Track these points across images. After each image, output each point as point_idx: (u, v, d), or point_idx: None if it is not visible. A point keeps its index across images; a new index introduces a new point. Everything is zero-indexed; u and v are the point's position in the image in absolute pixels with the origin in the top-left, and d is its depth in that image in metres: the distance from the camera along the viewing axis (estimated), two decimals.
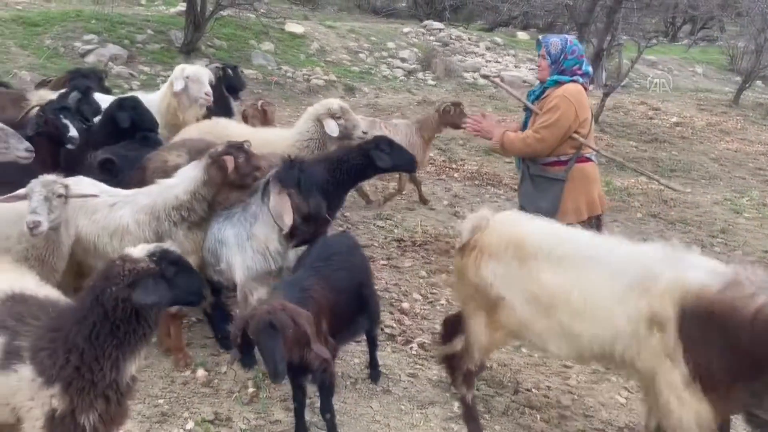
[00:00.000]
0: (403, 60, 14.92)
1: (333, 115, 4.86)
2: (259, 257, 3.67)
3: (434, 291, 5.10)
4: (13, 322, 2.37)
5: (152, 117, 4.85)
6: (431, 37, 16.79)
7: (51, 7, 13.85)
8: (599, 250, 3.02)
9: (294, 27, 14.34)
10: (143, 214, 3.62)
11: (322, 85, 12.36)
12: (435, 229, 6.26)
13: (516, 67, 16.50)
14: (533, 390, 3.98)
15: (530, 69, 16.58)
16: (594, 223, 4.38)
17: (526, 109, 4.39)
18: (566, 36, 4.45)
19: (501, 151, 4.40)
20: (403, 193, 7.01)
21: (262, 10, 14.13)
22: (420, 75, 14.53)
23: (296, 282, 3.23)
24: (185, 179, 3.64)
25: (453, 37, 16.96)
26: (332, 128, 4.81)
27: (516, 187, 5.03)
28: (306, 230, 3.66)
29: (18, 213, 3.37)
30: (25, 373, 2.31)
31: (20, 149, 3.69)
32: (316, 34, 14.59)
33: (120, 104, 4.55)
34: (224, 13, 12.69)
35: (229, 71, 6.74)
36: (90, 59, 11.11)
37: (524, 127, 4.33)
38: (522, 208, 4.45)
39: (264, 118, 6.32)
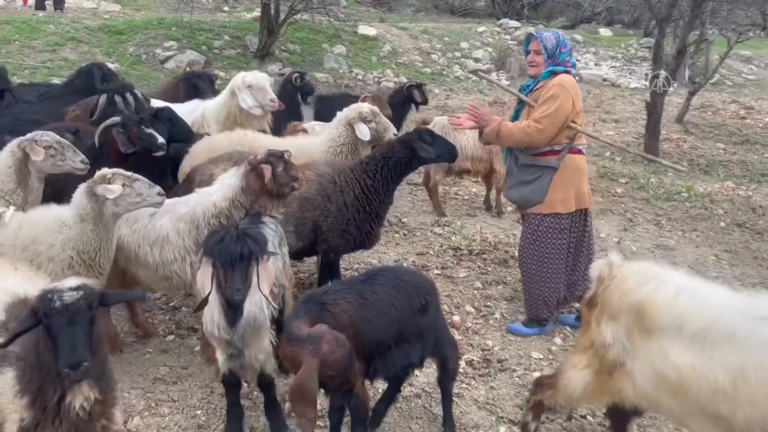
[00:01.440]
0: (476, 60, 14.57)
1: (364, 119, 4.83)
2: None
3: (489, 304, 4.81)
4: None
5: (188, 129, 4.84)
6: (506, 36, 16.33)
7: (137, 16, 14.47)
8: (742, 322, 2.39)
9: (366, 29, 14.30)
10: (183, 223, 3.58)
11: (393, 87, 12.20)
12: (495, 237, 5.96)
13: (597, 65, 15.78)
14: (588, 417, 3.65)
15: (612, 67, 15.83)
16: (581, 216, 4.31)
17: (519, 102, 4.30)
18: (557, 30, 4.40)
19: (496, 140, 4.25)
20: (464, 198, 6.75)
21: (340, 14, 14.20)
22: (494, 75, 14.12)
23: (319, 295, 2.98)
24: (224, 186, 3.57)
25: None
26: (363, 132, 4.79)
27: None
28: None
29: (61, 221, 3.41)
30: (9, 377, 2.31)
31: (76, 161, 3.74)
32: (388, 36, 14.48)
33: (156, 116, 4.54)
34: (298, 17, 12.81)
35: (306, 77, 7.17)
36: (169, 65, 11.49)
37: (515, 120, 4.26)
38: (508, 200, 4.57)
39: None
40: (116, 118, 4.21)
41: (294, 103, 7.00)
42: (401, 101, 7.34)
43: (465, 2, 24.31)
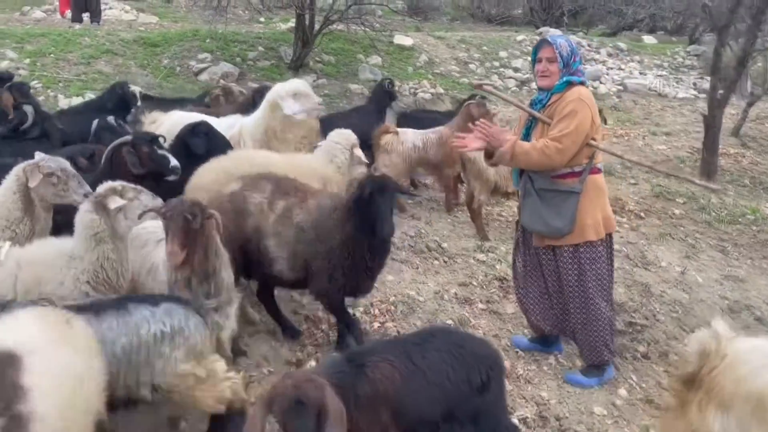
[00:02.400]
0: (515, 70, 13.97)
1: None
2: None
3: None
4: None
5: (226, 142, 4.48)
6: None
7: (173, 27, 14.30)
8: None
9: (403, 39, 13.83)
10: None
11: (429, 99, 11.73)
12: None
13: (642, 74, 15.00)
14: None
15: (658, 76, 15.04)
16: (609, 241, 3.84)
17: (531, 118, 3.76)
18: (566, 36, 3.99)
19: (510, 163, 3.68)
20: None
21: (376, 24, 13.82)
22: (534, 85, 13.50)
23: (357, 353, 2.52)
24: None
25: None
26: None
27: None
28: None
29: (68, 255, 3.03)
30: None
31: (79, 194, 3.36)
32: (425, 46, 13.99)
33: (193, 130, 4.16)
34: (333, 27, 12.43)
35: (395, 84, 7.83)
36: (203, 77, 11.20)
37: (525, 139, 3.74)
38: (525, 228, 3.88)
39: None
40: (127, 137, 3.84)
41: (382, 106, 7.47)
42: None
43: (502, 10, 23.68)
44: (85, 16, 12.90)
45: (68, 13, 13.06)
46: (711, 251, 5.98)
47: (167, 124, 5.33)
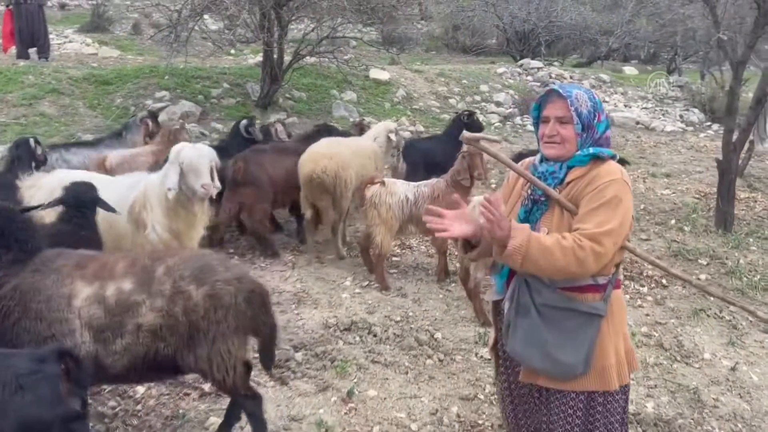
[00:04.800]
0: (498, 104, 12.99)
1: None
2: None
3: None
4: None
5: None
6: (528, 77, 14.78)
7: (136, 62, 13.03)
8: None
9: (379, 73, 12.75)
10: None
11: (408, 138, 10.60)
12: None
13: (627, 106, 14.14)
14: None
15: (643, 108, 14.20)
16: (628, 385, 2.51)
17: (532, 196, 2.45)
18: (585, 87, 2.68)
19: (518, 264, 2.24)
20: None
21: (349, 55, 12.69)
22: (518, 120, 12.52)
23: None
24: None
25: (553, 75, 14.84)
26: None
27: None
28: None
29: None
30: None
31: None
32: (402, 80, 12.94)
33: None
34: (304, 62, 11.31)
35: (475, 117, 7.69)
36: (161, 118, 9.89)
37: (522, 221, 2.43)
38: (513, 358, 2.52)
39: None
40: None
41: (455, 137, 6.92)
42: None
43: (477, 41, 22.86)
44: (33, 51, 11.56)
45: (12, 49, 11.70)
46: (756, 333, 4.86)
47: (47, 188, 4.27)
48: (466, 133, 2.60)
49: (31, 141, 5.70)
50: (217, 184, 4.30)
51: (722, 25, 6.55)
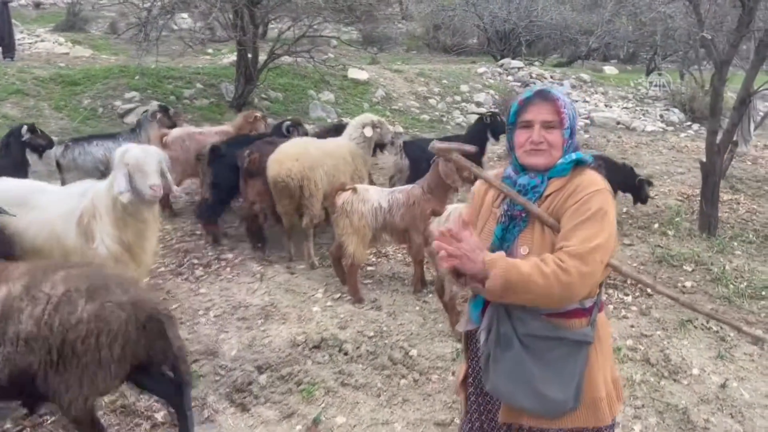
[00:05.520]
0: (478, 104, 12.73)
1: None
2: None
3: None
4: None
5: None
6: (509, 77, 14.54)
7: (109, 62, 12.57)
8: None
9: (357, 73, 12.43)
10: None
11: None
12: None
13: (607, 106, 13.96)
14: None
15: (624, 108, 14.03)
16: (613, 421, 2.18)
17: (509, 211, 2.13)
18: (558, 87, 2.31)
19: (499, 297, 1.97)
20: None
21: (329, 54, 12.31)
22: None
23: None
24: None
25: (534, 75, 14.62)
26: None
27: None
28: None
29: None
30: None
31: None
32: (381, 80, 12.63)
33: None
34: (280, 61, 10.95)
35: (498, 117, 7.31)
36: (130, 119, 9.52)
37: (499, 247, 2.10)
38: (503, 400, 2.12)
39: None
40: None
41: (482, 140, 7.05)
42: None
43: (458, 40, 22.62)
44: None
45: None
46: (745, 345, 4.61)
47: None
48: (436, 143, 2.32)
49: (24, 128, 5.90)
50: (171, 186, 3.96)
51: (705, 25, 6.31)
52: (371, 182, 6.62)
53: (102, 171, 6.06)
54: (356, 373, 3.95)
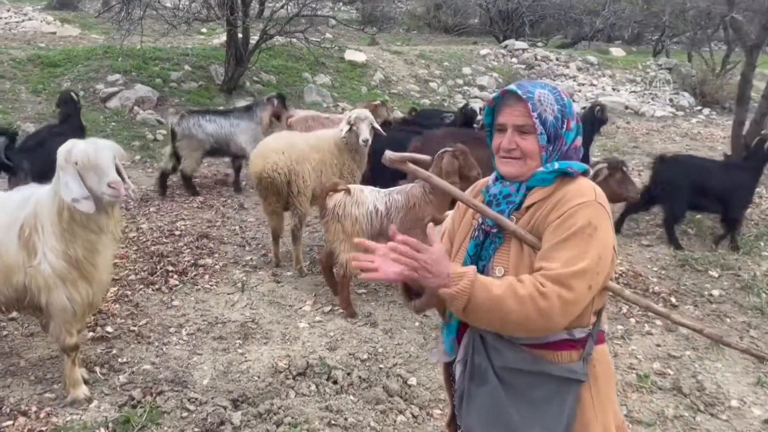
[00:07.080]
0: (481, 88, 12.04)
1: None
2: None
3: None
4: None
5: None
6: (513, 59, 13.80)
7: (98, 42, 11.83)
8: None
9: (354, 55, 11.71)
10: None
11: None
12: None
13: (615, 89, 13.27)
14: None
15: (631, 92, 13.32)
16: None
17: (480, 227, 1.78)
18: (552, 84, 1.88)
19: (459, 313, 1.59)
20: None
21: (327, 35, 11.53)
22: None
23: None
24: None
25: (539, 57, 13.89)
26: None
27: None
28: None
29: None
30: None
31: None
32: (380, 62, 11.91)
33: None
34: (273, 42, 10.24)
35: (606, 110, 7.17)
36: (113, 104, 8.89)
37: (472, 262, 1.77)
38: None
39: None
40: None
41: (590, 132, 6.75)
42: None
43: (459, 20, 21.77)
44: None
45: None
46: None
47: None
48: (388, 153, 1.83)
49: (73, 95, 6.54)
50: (129, 183, 3.28)
51: (736, 4, 5.63)
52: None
53: (211, 143, 6.63)
54: (346, 409, 3.37)
